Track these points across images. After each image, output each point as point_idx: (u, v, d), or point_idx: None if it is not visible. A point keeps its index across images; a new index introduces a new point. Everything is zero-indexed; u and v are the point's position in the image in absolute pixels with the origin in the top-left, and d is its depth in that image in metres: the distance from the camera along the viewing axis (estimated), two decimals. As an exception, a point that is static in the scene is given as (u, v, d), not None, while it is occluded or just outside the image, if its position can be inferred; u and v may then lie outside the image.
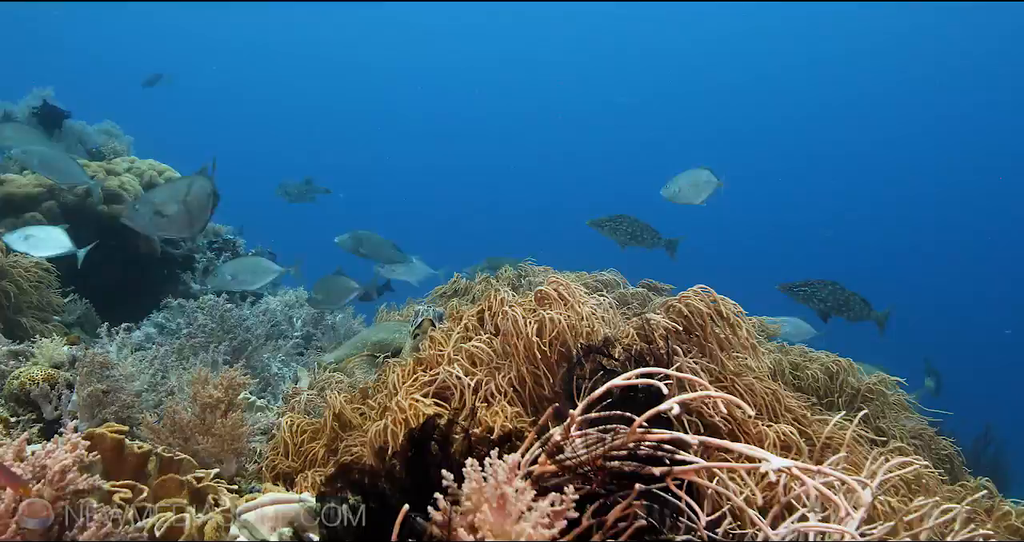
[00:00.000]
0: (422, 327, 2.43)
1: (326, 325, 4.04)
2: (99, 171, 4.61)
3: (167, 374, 2.91)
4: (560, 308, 1.54)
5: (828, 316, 3.81)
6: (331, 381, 2.31)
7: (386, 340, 2.88)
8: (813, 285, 3.79)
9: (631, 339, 1.52)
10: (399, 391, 1.55)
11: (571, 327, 1.48)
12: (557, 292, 1.59)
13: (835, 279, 3.83)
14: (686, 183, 3.92)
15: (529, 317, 1.52)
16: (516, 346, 1.51)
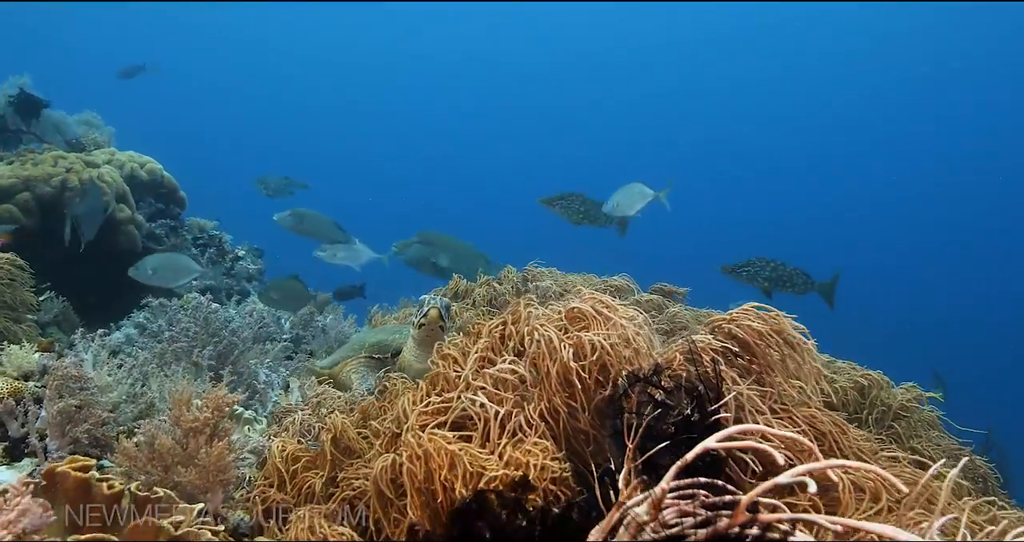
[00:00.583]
0: (429, 317, 2.26)
1: (316, 327, 3.81)
2: (76, 162, 4.35)
3: (147, 382, 2.70)
4: (600, 328, 1.34)
5: (771, 293, 3.79)
6: (326, 396, 2.09)
7: (385, 341, 2.68)
8: (755, 264, 3.79)
9: (677, 363, 1.32)
10: (410, 416, 1.34)
11: (614, 352, 1.28)
12: (595, 310, 1.38)
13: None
14: (621, 197, 3.98)
15: (564, 339, 1.32)
16: (548, 372, 1.31)
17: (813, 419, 1.35)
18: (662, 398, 1.16)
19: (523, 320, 1.49)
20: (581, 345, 1.31)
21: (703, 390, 1.18)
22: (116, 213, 4.31)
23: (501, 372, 1.35)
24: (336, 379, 2.74)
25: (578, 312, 1.43)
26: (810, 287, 3.82)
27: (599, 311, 1.38)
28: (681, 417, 1.13)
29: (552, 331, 1.35)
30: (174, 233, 4.92)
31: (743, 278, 3.78)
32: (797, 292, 3.79)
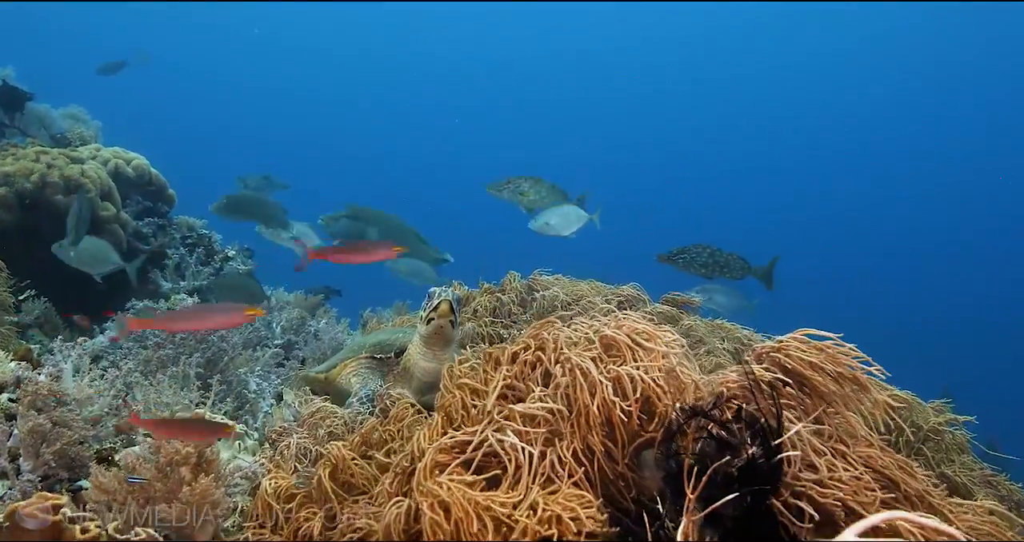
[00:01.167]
0: (439, 311, 2.08)
1: (308, 332, 3.64)
2: (60, 158, 4.15)
3: (132, 392, 2.52)
4: (639, 356, 1.19)
5: (711, 279, 3.74)
6: (324, 415, 1.92)
7: (387, 341, 2.46)
8: (690, 251, 3.70)
9: (730, 393, 1.17)
10: (427, 455, 1.18)
11: (658, 386, 1.13)
12: (631, 339, 1.23)
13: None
14: (555, 218, 3.88)
15: (602, 370, 1.16)
16: (585, 408, 1.15)
17: (869, 459, 1.20)
18: (724, 436, 1.00)
19: (551, 346, 1.33)
20: (621, 378, 1.16)
21: (765, 424, 1.02)
22: (100, 211, 4.11)
23: (532, 409, 1.19)
24: (334, 384, 2.54)
25: (611, 340, 1.27)
26: (747, 272, 3.74)
27: (636, 341, 1.22)
28: (745, 458, 0.97)
29: (589, 361, 1.20)
30: (162, 232, 4.73)
31: (680, 265, 3.69)
32: (734, 277, 3.73)
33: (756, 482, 0.98)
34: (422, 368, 2.22)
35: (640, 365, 1.17)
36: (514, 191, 3.96)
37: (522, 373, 1.33)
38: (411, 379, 2.28)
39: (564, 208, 3.92)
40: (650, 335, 1.23)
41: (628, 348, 1.24)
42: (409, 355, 2.29)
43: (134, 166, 4.65)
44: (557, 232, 3.90)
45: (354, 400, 2.21)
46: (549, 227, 3.87)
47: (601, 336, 1.27)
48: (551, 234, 3.92)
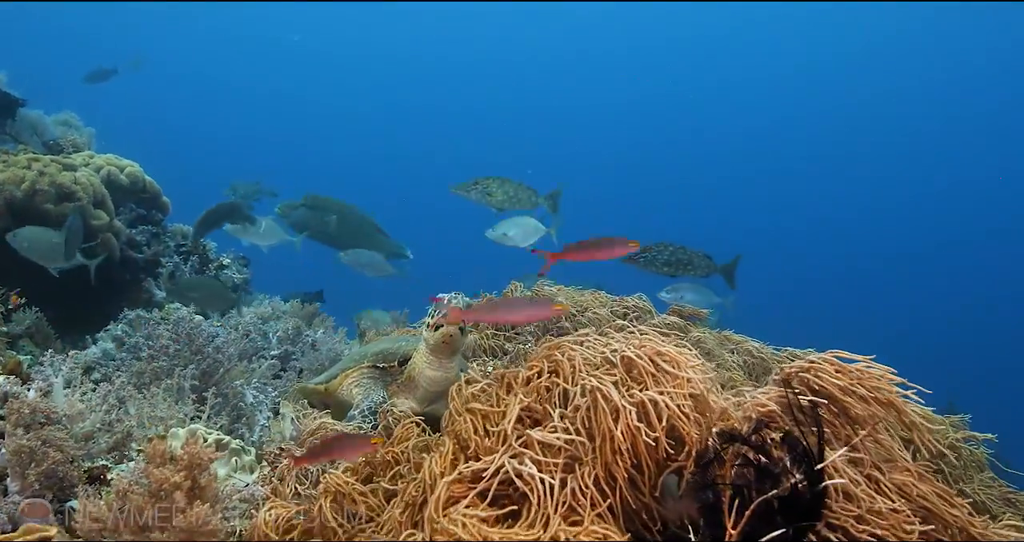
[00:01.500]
0: (450, 317, 1.98)
1: (305, 343, 3.55)
2: (52, 165, 4.06)
3: (125, 405, 2.44)
4: (664, 381, 1.12)
5: (675, 277, 3.66)
6: (325, 432, 1.84)
7: (390, 349, 2.36)
8: (652, 250, 3.61)
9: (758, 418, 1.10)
10: (438, 485, 1.10)
11: (684, 414, 1.06)
12: (653, 362, 1.15)
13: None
14: (514, 229, 3.77)
15: (625, 394, 1.09)
16: (607, 432, 1.08)
17: (904, 487, 1.13)
18: (765, 463, 0.93)
19: (567, 367, 1.26)
20: (645, 403, 1.09)
21: (807, 449, 0.96)
22: (92, 220, 4.03)
23: (552, 439, 1.12)
24: (334, 395, 2.45)
25: (630, 362, 1.20)
26: (712, 270, 3.69)
27: (658, 365, 1.15)
28: (788, 487, 0.90)
29: (610, 385, 1.13)
30: (156, 240, 4.64)
31: (641, 265, 3.60)
32: (699, 274, 3.66)
33: (798, 513, 0.91)
34: (428, 377, 2.14)
35: (666, 390, 1.10)
36: (481, 192, 3.89)
37: (538, 395, 1.25)
38: (416, 389, 2.20)
39: (522, 220, 3.83)
40: (672, 358, 1.16)
41: (649, 373, 1.17)
42: (414, 364, 2.20)
43: (128, 173, 4.56)
44: (515, 243, 3.83)
45: (355, 413, 2.13)
46: (507, 238, 3.81)
47: (622, 357, 1.20)
48: (509, 245, 3.85)
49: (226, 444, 2.23)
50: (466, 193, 3.92)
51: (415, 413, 2.21)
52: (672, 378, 1.13)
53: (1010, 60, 22.53)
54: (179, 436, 2.24)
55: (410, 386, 2.21)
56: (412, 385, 2.21)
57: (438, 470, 1.23)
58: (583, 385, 1.17)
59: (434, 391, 2.16)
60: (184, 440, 2.21)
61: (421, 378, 2.16)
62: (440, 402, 2.22)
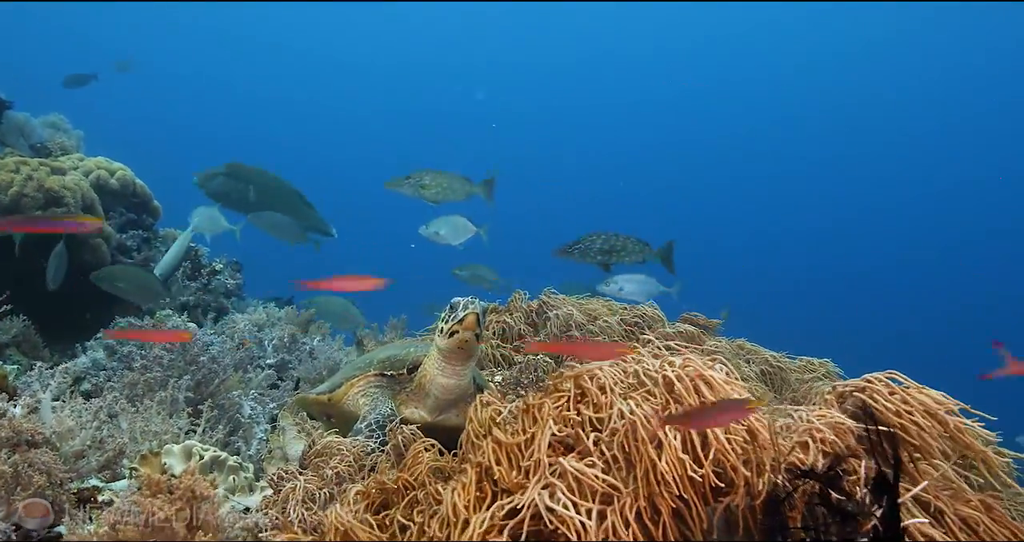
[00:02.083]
0: (465, 323, 1.86)
1: (302, 351, 3.43)
2: (40, 169, 3.92)
3: (117, 419, 2.31)
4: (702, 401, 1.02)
5: (610, 266, 3.58)
6: (330, 449, 1.73)
7: (398, 356, 2.22)
8: (584, 240, 3.54)
9: (812, 446, 1.00)
10: (470, 529, 1.00)
11: (736, 442, 0.96)
12: (693, 384, 1.05)
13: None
14: (445, 228, 3.79)
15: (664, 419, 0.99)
16: (648, 462, 0.98)
17: (968, 520, 1.04)
18: (842, 502, 0.83)
19: (598, 386, 1.15)
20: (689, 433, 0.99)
21: (882, 481, 0.86)
22: (81, 226, 3.89)
23: (586, 473, 1.02)
24: (338, 406, 2.29)
25: (668, 382, 1.10)
26: (648, 255, 3.61)
27: (701, 389, 1.05)
28: (870, 529, 0.81)
29: (648, 409, 1.02)
30: (146, 245, 4.51)
31: (576, 256, 3.54)
32: (634, 261, 3.59)
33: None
34: (440, 385, 2.02)
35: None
36: (414, 185, 3.79)
37: (568, 420, 1.15)
38: (426, 397, 2.08)
39: (453, 219, 3.80)
40: (710, 384, 1.06)
41: (689, 394, 1.07)
42: (425, 371, 2.07)
43: (118, 177, 4.43)
44: (447, 241, 3.81)
45: (362, 426, 1.99)
46: (439, 236, 3.79)
47: (663, 378, 1.10)
48: (441, 243, 3.83)
49: (223, 461, 2.10)
50: (399, 188, 3.83)
51: (425, 423, 2.10)
52: (712, 396, 1.03)
53: (1010, 60, 22.61)
54: (173, 453, 2.11)
55: (420, 394, 2.10)
56: (422, 393, 2.09)
57: (461, 503, 1.13)
58: (620, 408, 1.07)
59: (446, 399, 2.05)
60: (179, 457, 2.10)
61: (432, 386, 2.04)
62: (451, 411, 2.10)
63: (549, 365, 2.25)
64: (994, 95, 23.65)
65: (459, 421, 2.11)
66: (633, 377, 1.20)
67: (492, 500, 1.15)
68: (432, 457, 1.45)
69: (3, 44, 22.15)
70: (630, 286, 3.54)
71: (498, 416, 1.35)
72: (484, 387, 2.18)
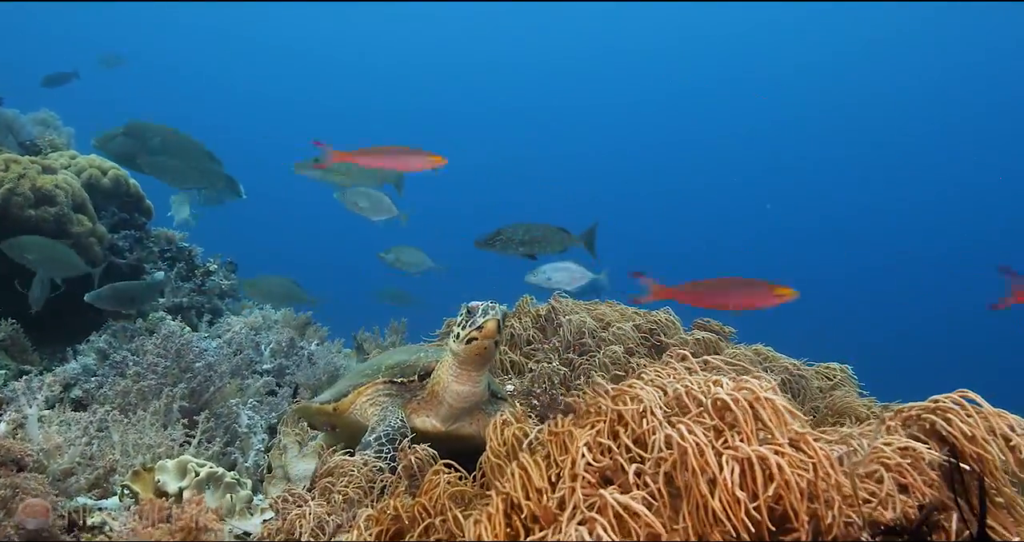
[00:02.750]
0: (485, 330, 1.73)
1: (301, 356, 3.30)
2: (31, 167, 3.77)
3: (108, 431, 2.18)
4: (772, 437, 0.90)
5: (535, 256, 3.55)
6: (340, 470, 1.60)
7: (408, 361, 2.06)
8: (505, 232, 3.48)
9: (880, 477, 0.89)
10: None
11: (802, 482, 0.85)
12: (752, 409, 0.94)
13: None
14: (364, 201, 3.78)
15: (718, 448, 0.88)
16: (699, 497, 0.87)
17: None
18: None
19: (637, 407, 1.04)
20: (751, 461, 0.87)
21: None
22: (72, 226, 3.75)
23: (632, 508, 0.90)
24: (344, 416, 2.12)
25: (722, 405, 0.98)
26: (570, 243, 3.53)
27: (759, 416, 0.94)
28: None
29: (701, 436, 0.91)
30: (139, 245, 4.36)
31: (498, 248, 3.47)
32: (557, 250, 3.53)
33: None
34: (455, 392, 1.89)
35: (773, 447, 0.88)
36: (324, 170, 3.77)
37: (604, 446, 1.03)
38: (439, 405, 1.94)
39: (375, 194, 3.75)
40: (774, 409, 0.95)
41: (747, 423, 0.95)
42: (438, 378, 1.94)
43: (110, 176, 4.28)
44: (367, 215, 3.76)
45: (371, 439, 1.85)
46: (359, 208, 3.73)
47: (715, 400, 0.98)
48: (359, 213, 3.78)
49: (219, 477, 1.97)
50: (307, 172, 3.79)
51: (438, 432, 1.96)
52: (775, 431, 0.92)
53: (1009, 60, 22.61)
54: (167, 469, 1.98)
55: (433, 402, 1.97)
56: (435, 401, 1.96)
57: (488, 536, 1.01)
58: (667, 435, 0.96)
59: (460, 407, 1.93)
60: (173, 473, 1.97)
61: (447, 393, 1.92)
62: (465, 419, 1.97)
63: (563, 374, 2.13)
64: (994, 95, 23.64)
65: (473, 430, 1.98)
66: (676, 399, 1.08)
67: (519, 534, 1.04)
68: (451, 481, 1.33)
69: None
70: (558, 275, 3.52)
71: (524, 437, 1.23)
72: (499, 393, 2.06)
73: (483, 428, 1.98)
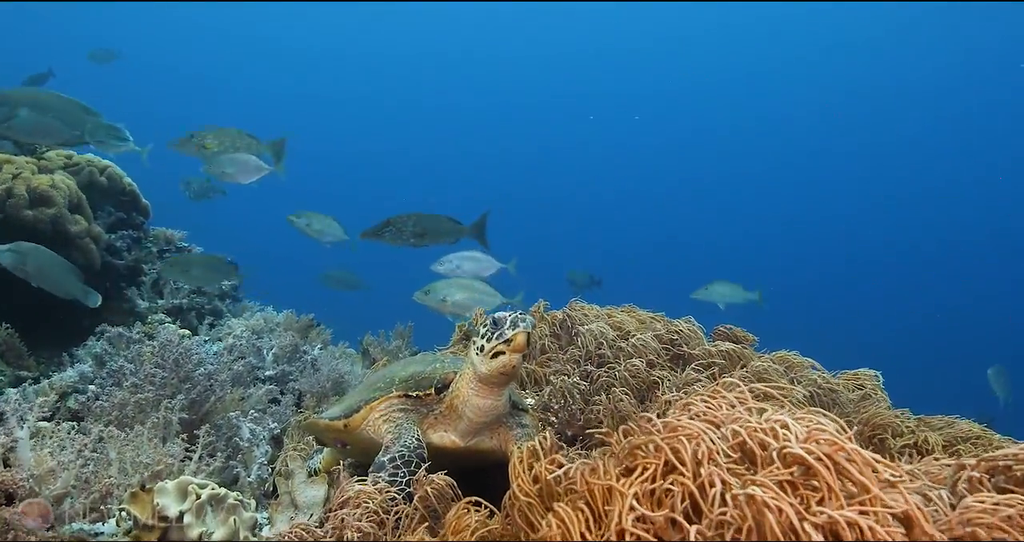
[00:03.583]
0: (514, 344, 1.57)
1: (304, 362, 3.17)
2: (26, 167, 3.63)
3: (105, 448, 2.05)
4: (865, 500, 0.77)
5: (422, 244, 3.48)
6: (354, 500, 1.47)
7: (423, 373, 1.89)
8: (394, 221, 3.42)
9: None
10: None
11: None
12: (834, 463, 0.81)
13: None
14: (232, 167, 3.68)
15: (801, 511, 0.75)
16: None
17: None
18: None
19: (689, 455, 0.91)
20: (840, 527, 0.75)
21: None
22: (69, 226, 3.61)
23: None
24: (355, 433, 1.92)
25: (795, 459, 0.85)
26: (461, 233, 3.46)
27: (841, 468, 0.81)
28: None
29: (786, 503, 0.78)
30: (137, 245, 4.22)
31: (388, 238, 3.39)
32: (448, 241, 3.48)
33: None
34: (476, 406, 1.74)
35: (869, 513, 0.75)
36: (198, 144, 3.67)
37: (654, 496, 0.91)
38: (458, 420, 1.79)
39: (243, 156, 3.65)
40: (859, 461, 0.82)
41: (825, 474, 0.82)
42: (457, 391, 1.78)
43: (107, 175, 4.14)
44: (236, 180, 3.70)
45: (385, 460, 1.67)
46: (226, 175, 3.65)
47: (785, 451, 0.85)
48: (229, 181, 3.73)
49: (222, 498, 1.84)
50: (182, 148, 3.70)
51: (457, 448, 1.80)
52: (867, 486, 0.79)
53: (1008, 59, 22.47)
54: (167, 491, 1.83)
55: (451, 417, 1.81)
56: (454, 415, 1.80)
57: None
58: (735, 494, 0.83)
59: (481, 421, 1.78)
60: (173, 495, 1.84)
61: (467, 407, 1.76)
62: (485, 433, 1.82)
63: (582, 389, 2.01)
64: (995, 95, 23.48)
65: (493, 444, 1.83)
66: (734, 443, 0.95)
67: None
68: (479, 522, 1.20)
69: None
70: (467, 264, 3.48)
71: (559, 481, 1.10)
72: (520, 404, 1.91)
73: (503, 442, 1.83)
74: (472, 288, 3.41)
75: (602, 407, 1.88)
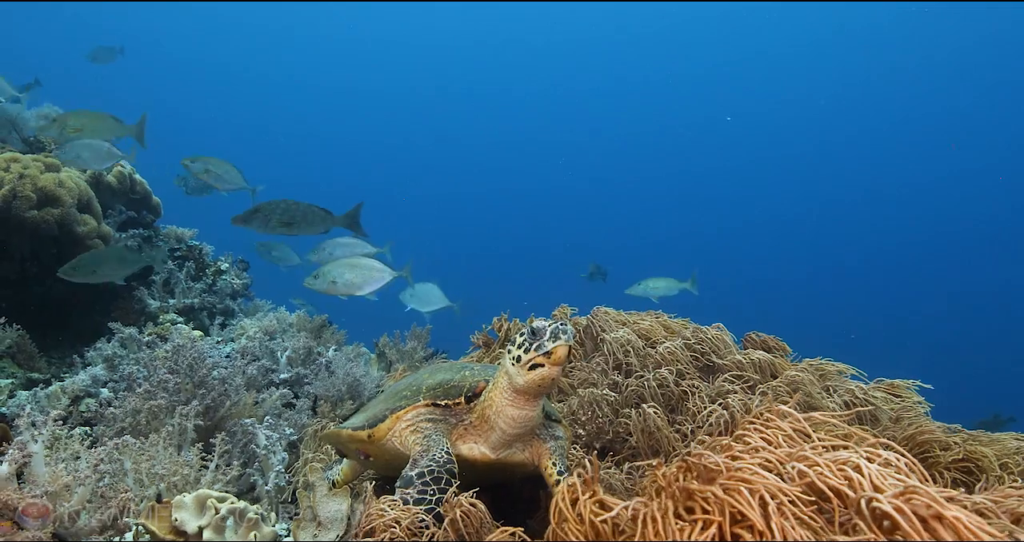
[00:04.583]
0: (555, 357, 1.49)
1: (319, 364, 3.09)
2: (33, 166, 3.55)
3: (120, 458, 1.98)
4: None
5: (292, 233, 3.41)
6: (380, 525, 1.39)
7: (451, 381, 1.79)
8: (263, 208, 3.36)
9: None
10: None
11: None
12: (927, 528, 0.73)
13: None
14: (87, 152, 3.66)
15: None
16: None
17: None
18: None
19: (757, 506, 0.83)
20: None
21: None
22: (77, 226, 3.54)
23: None
24: (380, 444, 1.82)
25: (882, 513, 0.77)
26: (332, 223, 3.40)
27: (934, 532, 0.73)
28: None
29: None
30: (148, 244, 4.15)
31: (256, 225, 3.32)
32: (318, 231, 3.41)
33: None
34: (509, 417, 1.64)
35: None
36: (59, 128, 3.67)
37: None
38: (491, 431, 1.69)
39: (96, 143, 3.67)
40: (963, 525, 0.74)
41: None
42: (490, 401, 1.68)
43: (116, 173, 4.06)
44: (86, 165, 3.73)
45: (413, 475, 1.57)
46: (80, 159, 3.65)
47: (877, 511, 0.77)
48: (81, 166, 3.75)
49: (243, 512, 1.77)
50: (46, 132, 3.78)
51: (488, 460, 1.71)
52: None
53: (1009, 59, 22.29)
54: (186, 505, 1.77)
55: (483, 427, 1.71)
56: (485, 426, 1.71)
57: None
58: None
59: (514, 433, 1.68)
60: (192, 510, 1.77)
61: (500, 418, 1.66)
62: (517, 445, 1.72)
63: (610, 400, 1.93)
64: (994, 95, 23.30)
65: (525, 456, 1.73)
66: (802, 483, 0.87)
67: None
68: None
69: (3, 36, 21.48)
70: (338, 251, 3.49)
71: (612, 523, 1.03)
72: (553, 414, 1.81)
73: (536, 455, 1.73)
74: (360, 266, 3.39)
75: (631, 422, 1.80)
